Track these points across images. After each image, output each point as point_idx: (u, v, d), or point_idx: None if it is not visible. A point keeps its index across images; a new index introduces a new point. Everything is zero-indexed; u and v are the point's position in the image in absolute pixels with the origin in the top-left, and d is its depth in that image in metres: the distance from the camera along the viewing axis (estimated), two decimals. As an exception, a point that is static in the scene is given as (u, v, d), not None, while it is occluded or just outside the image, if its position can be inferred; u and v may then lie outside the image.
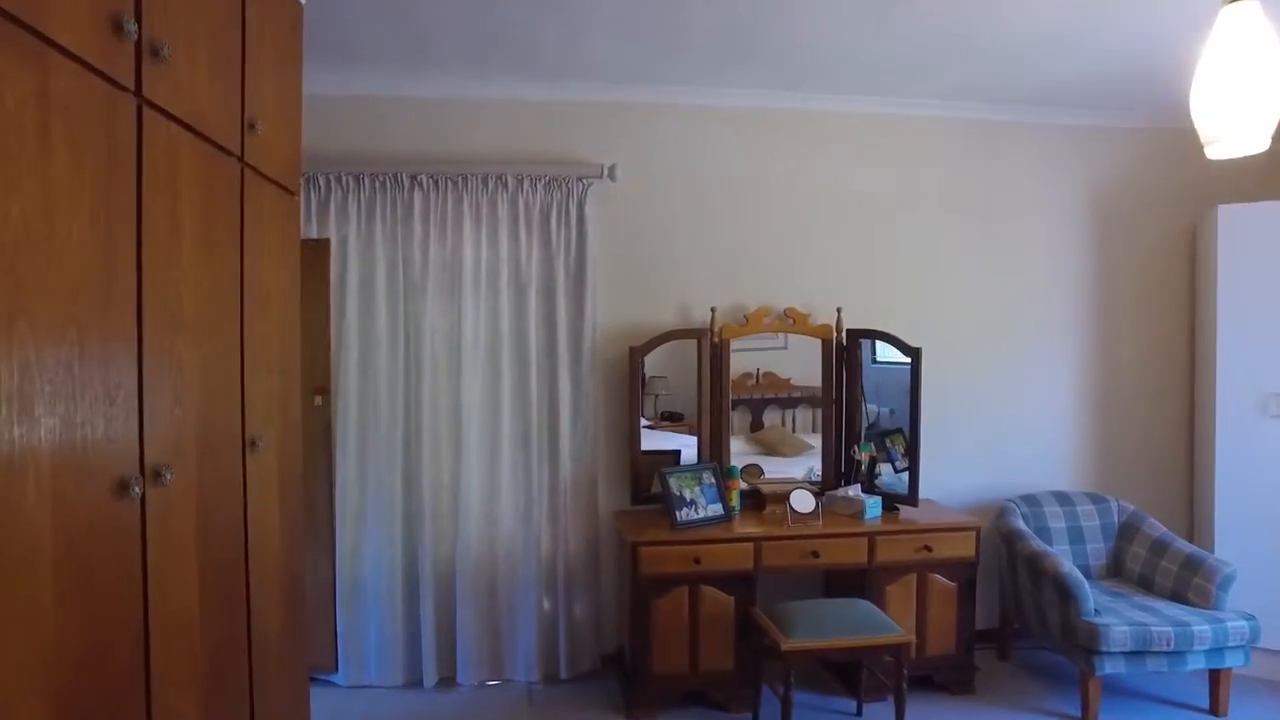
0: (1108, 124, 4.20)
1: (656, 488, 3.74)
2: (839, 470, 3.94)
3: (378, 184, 3.50)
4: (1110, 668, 3.21)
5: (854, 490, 3.67)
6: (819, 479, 3.91)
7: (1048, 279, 4.18)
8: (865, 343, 3.87)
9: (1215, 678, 3.37)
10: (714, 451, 3.82)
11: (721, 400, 3.82)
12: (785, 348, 3.96)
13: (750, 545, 3.36)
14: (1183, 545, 3.62)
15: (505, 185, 3.60)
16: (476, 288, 3.59)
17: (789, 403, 4.05)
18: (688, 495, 3.50)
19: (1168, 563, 3.61)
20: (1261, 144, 1.95)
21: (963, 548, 3.50)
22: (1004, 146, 4.13)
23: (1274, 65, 1.88)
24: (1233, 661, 3.29)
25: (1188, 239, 4.28)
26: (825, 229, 4.00)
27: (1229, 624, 3.25)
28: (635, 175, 3.80)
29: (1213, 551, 3.76)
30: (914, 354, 3.64)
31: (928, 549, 3.46)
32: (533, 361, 3.65)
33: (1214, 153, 2.03)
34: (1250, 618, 3.31)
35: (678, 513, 3.43)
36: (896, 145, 4.04)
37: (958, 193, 4.10)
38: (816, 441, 3.94)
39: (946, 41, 3.28)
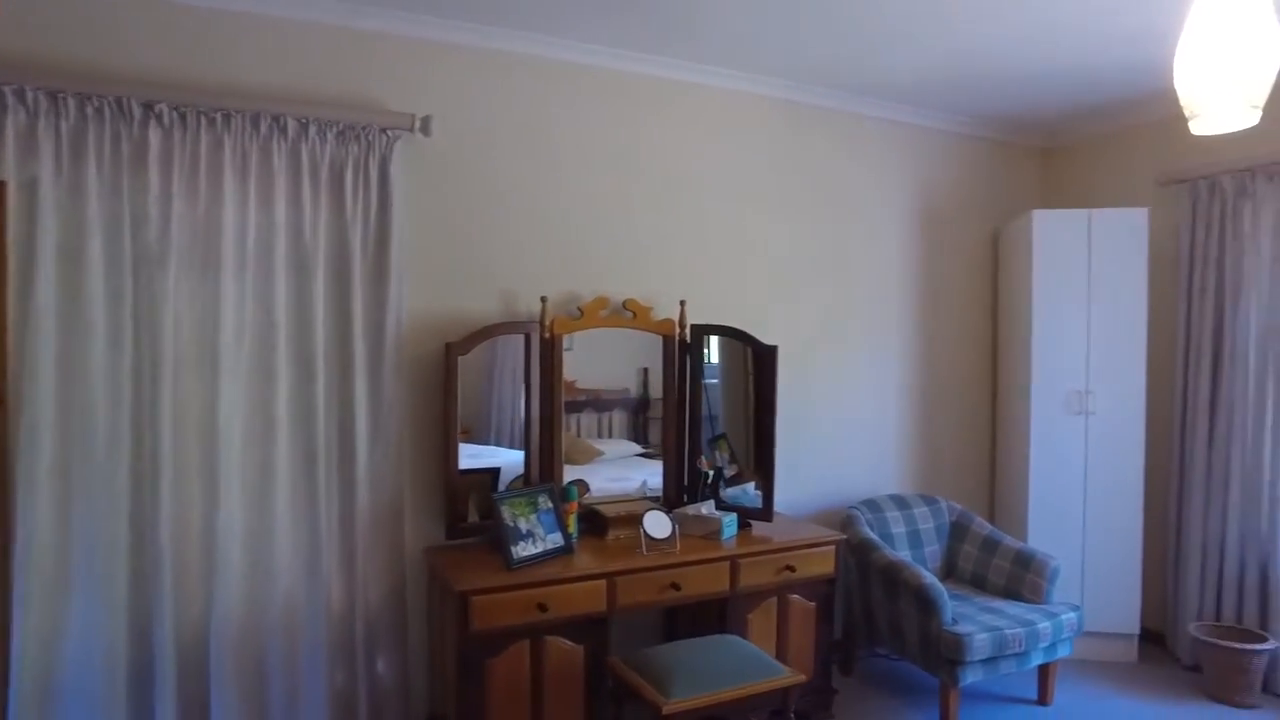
0: (937, 125, 4.21)
1: (475, 516, 3.08)
2: (682, 484, 3.51)
3: (91, 110, 2.45)
4: (971, 677, 3.10)
5: (708, 507, 3.25)
6: (655, 493, 3.46)
7: (879, 279, 4.09)
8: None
9: (1045, 670, 3.40)
10: (544, 468, 3.22)
11: (554, 406, 3.23)
12: (570, 349, 3.45)
13: (603, 582, 2.80)
14: (1012, 542, 3.64)
15: (284, 130, 2.72)
16: (241, 263, 2.68)
17: (602, 406, 3.55)
18: (523, 526, 2.87)
19: (1000, 560, 3.61)
20: (1249, 119, 1.77)
21: (823, 564, 3.22)
22: (849, 139, 3.98)
23: (1261, 35, 1.70)
24: (1063, 652, 3.34)
25: (993, 244, 4.43)
26: (669, 214, 3.56)
27: (1063, 617, 3.28)
28: (455, 132, 3.10)
29: (1026, 541, 3.85)
30: (768, 353, 3.30)
31: (790, 569, 3.13)
32: (319, 361, 2.80)
33: (1198, 128, 1.82)
34: (1076, 608, 3.38)
35: (513, 548, 2.78)
36: (745, 126, 3.72)
37: (800, 184, 3.86)
38: (615, 448, 3.48)
39: (812, 15, 2.99)
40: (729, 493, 3.44)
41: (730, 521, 3.19)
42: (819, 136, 3.90)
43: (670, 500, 3.46)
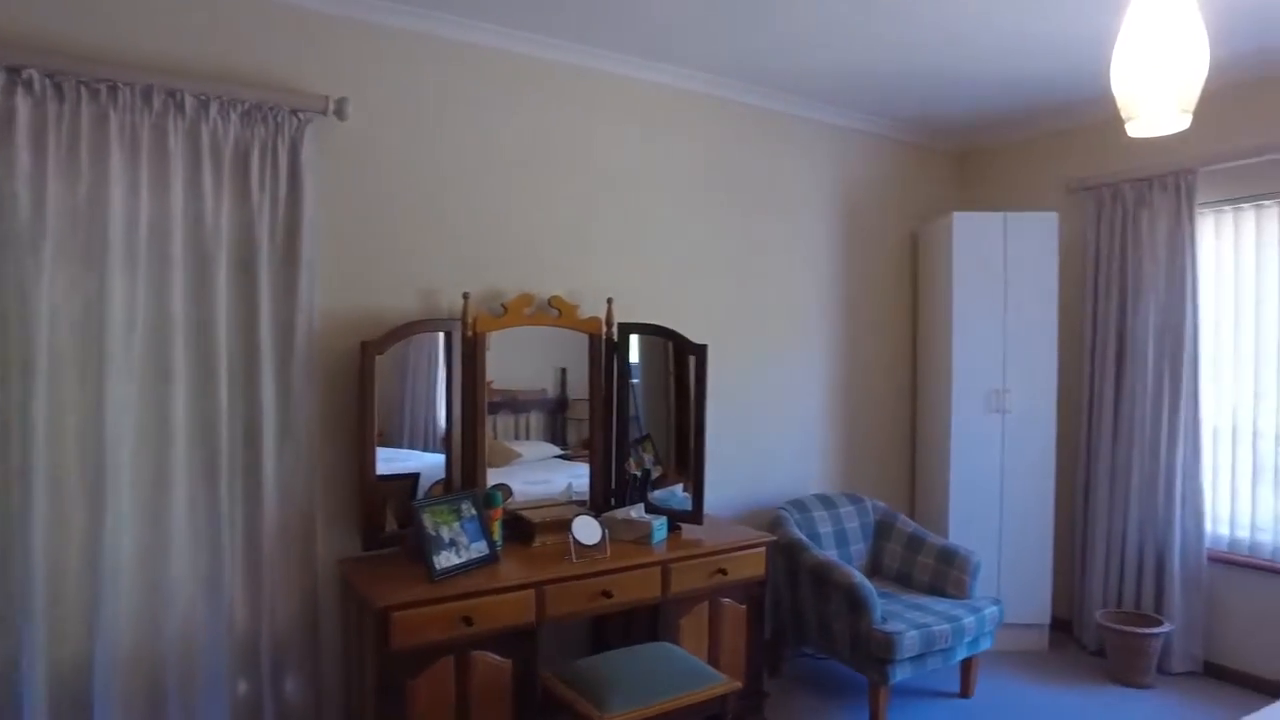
0: (858, 126, 4.25)
1: (393, 524, 2.90)
2: (609, 487, 3.42)
3: (-55, 74, 2.17)
4: (900, 674, 3.12)
5: (637, 510, 3.17)
6: (582, 497, 3.36)
7: (803, 278, 4.10)
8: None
9: (967, 663, 3.47)
10: (466, 473, 3.07)
11: (476, 408, 3.08)
12: (488, 348, 3.30)
13: (531, 592, 2.67)
14: (935, 539, 3.70)
15: (180, 108, 2.47)
16: (132, 253, 2.41)
17: (519, 407, 3.42)
18: (446, 534, 2.71)
19: (924, 557, 3.66)
20: (1181, 123, 1.81)
21: (754, 566, 3.18)
22: (774, 137, 3.97)
23: (1191, 44, 1.74)
24: (985, 645, 3.40)
25: (912, 245, 4.51)
26: (596, 209, 3.46)
27: (985, 611, 3.35)
28: (373, 117, 2.91)
29: (947, 536, 3.93)
30: (699, 352, 3.24)
31: (723, 572, 3.07)
32: (221, 361, 2.57)
33: (1134, 130, 1.85)
34: (997, 602, 3.45)
35: (436, 558, 2.62)
36: (673, 121, 3.65)
37: (726, 181, 3.83)
38: (534, 450, 3.37)
39: (736, 8, 2.96)
40: (656, 495, 3.36)
41: (661, 525, 3.12)
42: (745, 134, 3.87)
43: (597, 504, 3.36)
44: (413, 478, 3.04)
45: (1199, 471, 3.71)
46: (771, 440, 3.98)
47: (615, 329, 3.39)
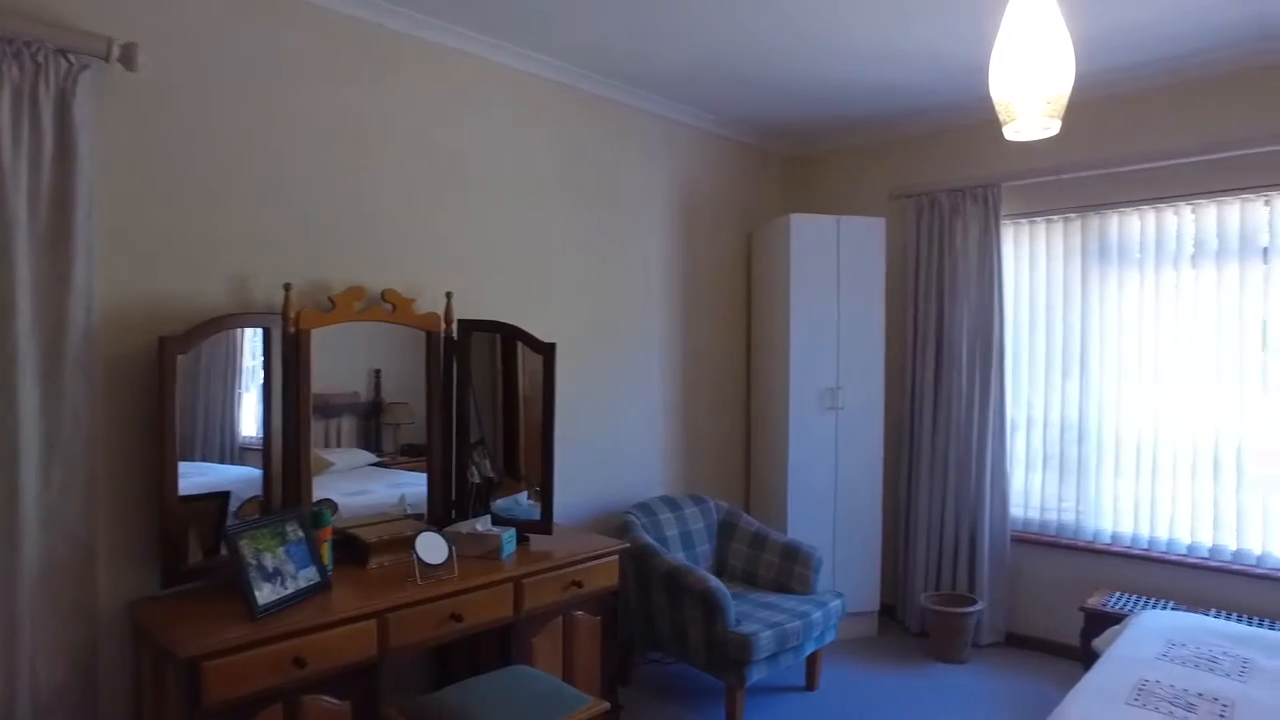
0: (700, 125, 4.23)
1: (198, 555, 2.46)
2: (449, 498, 3.14)
3: None
4: (757, 675, 3.11)
5: (484, 523, 2.92)
6: (418, 510, 3.06)
7: (644, 276, 4.01)
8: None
9: (813, 656, 3.53)
10: (289, 490, 2.67)
11: (300, 415, 2.69)
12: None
13: (373, 623, 2.36)
14: (778, 537, 3.74)
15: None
16: None
17: (329, 411, 3.07)
18: (269, 562, 2.33)
19: (769, 555, 3.69)
20: (1052, 128, 1.87)
21: (608, 576, 3.03)
22: (619, 130, 3.85)
23: (1061, 57, 1.81)
24: (829, 638, 3.47)
25: (746, 246, 4.57)
26: (435, 196, 3.16)
27: (830, 605, 3.42)
28: (176, 70, 2.44)
29: (786, 533, 4.00)
30: (546, 351, 3.05)
31: (577, 584, 2.90)
32: (-38, 363, 2.04)
33: (1011, 133, 1.89)
34: (840, 595, 3.54)
35: (258, 592, 2.24)
36: (520, 108, 3.43)
37: (571, 173, 3.65)
38: (346, 458, 3.05)
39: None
40: (499, 504, 3.13)
41: (510, 537, 2.89)
42: (592, 126, 3.72)
43: (437, 517, 3.07)
44: (221, 497, 2.60)
45: (1005, 460, 4.04)
46: (616, 443, 3.86)
47: (455, 326, 3.11)
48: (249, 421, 2.66)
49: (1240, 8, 2.92)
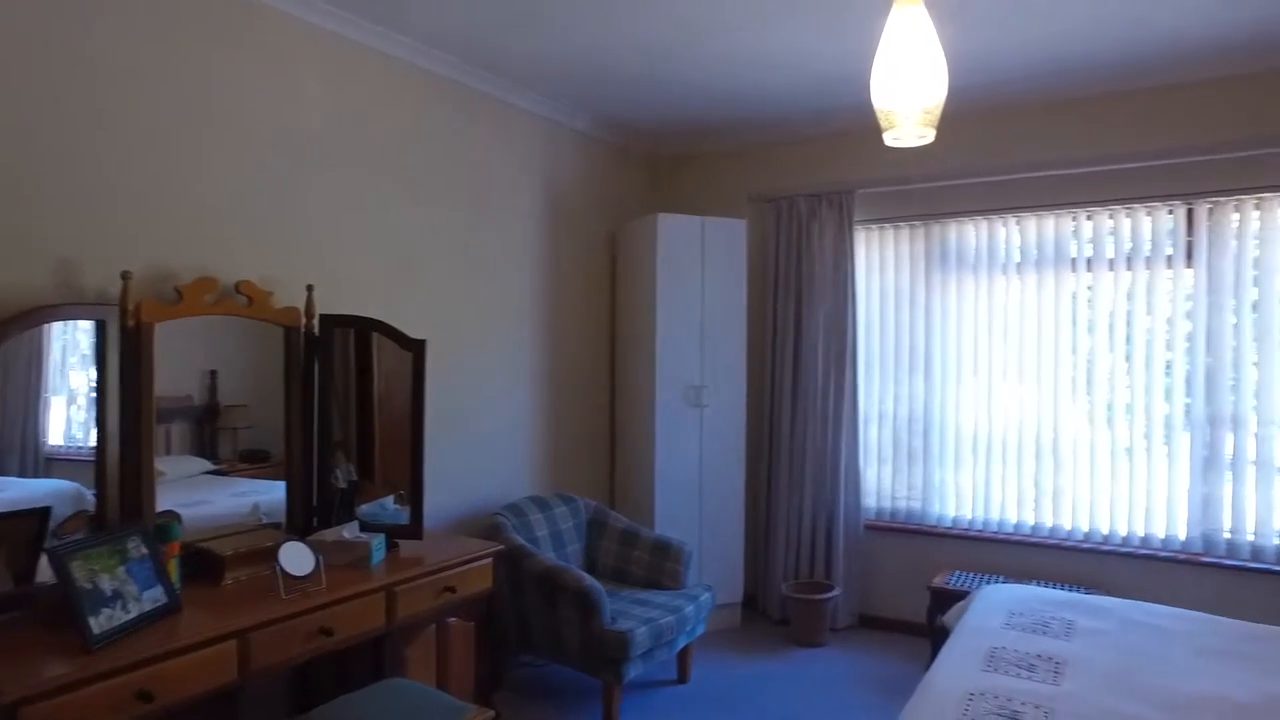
0: (569, 122, 4.19)
1: (9, 582, 2.16)
2: (310, 505, 2.93)
3: None
4: (634, 671, 3.12)
5: (351, 530, 2.75)
6: (274, 519, 2.84)
7: (512, 273, 3.93)
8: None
9: (684, 650, 3.59)
10: (128, 503, 2.40)
11: (142, 420, 2.43)
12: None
13: (232, 644, 2.15)
14: (648, 533, 3.78)
15: None
16: None
17: (159, 417, 2.82)
18: (107, 585, 2.08)
19: (639, 552, 3.72)
20: (928, 136, 1.99)
21: (482, 580, 2.94)
22: (489, 122, 3.76)
23: (936, 69, 1.93)
24: (700, 631, 3.55)
25: (611, 245, 4.58)
26: (293, 182, 2.94)
27: (701, 598, 3.49)
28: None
29: (654, 529, 4.04)
30: (416, 348, 2.91)
31: (451, 590, 2.79)
32: None
33: (890, 139, 2.00)
34: (709, 588, 3.62)
35: (93, 619, 1.99)
36: (390, 93, 3.27)
37: (440, 165, 3.52)
38: (179, 466, 2.81)
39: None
40: (365, 510, 2.97)
41: (379, 544, 2.74)
42: (462, 116, 3.60)
43: (298, 526, 2.86)
44: (40, 514, 2.29)
45: (858, 453, 4.28)
46: (483, 442, 3.76)
47: (317, 321, 2.92)
48: (56, 429, 2.37)
49: (1067, 44, 3.25)
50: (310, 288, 2.90)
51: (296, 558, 2.44)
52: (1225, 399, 3.58)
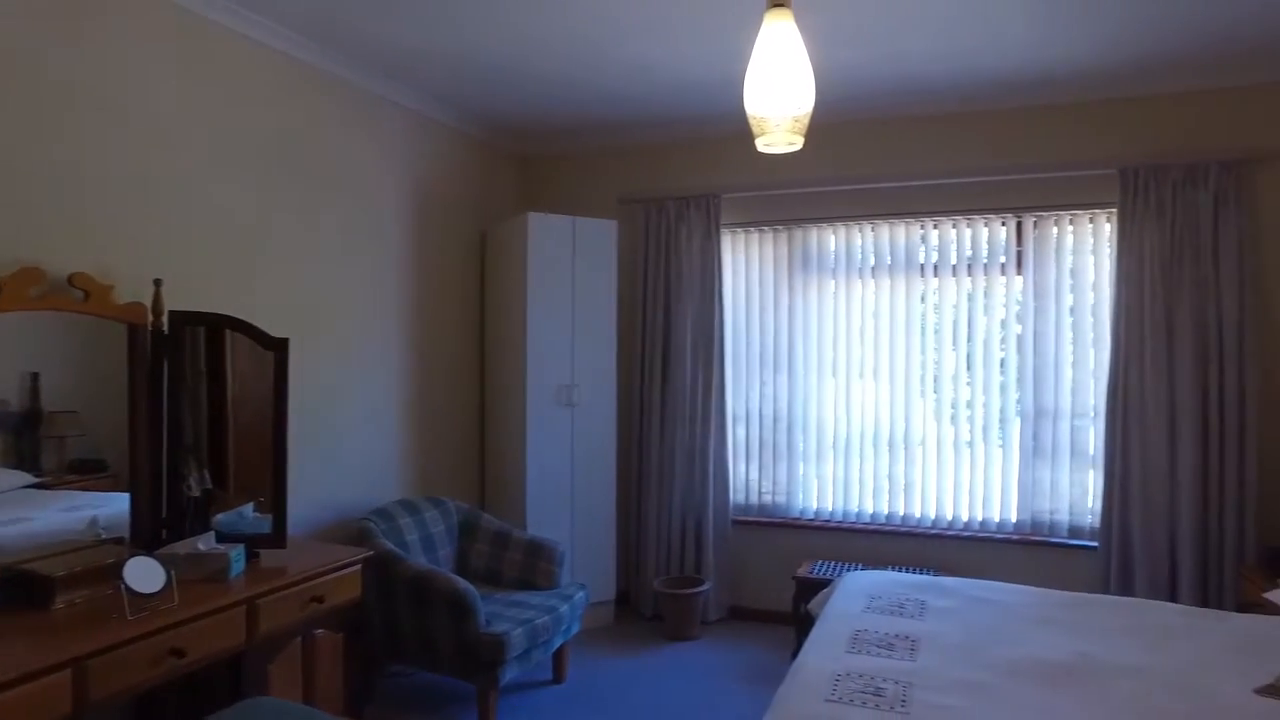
0: (437, 117, 4.10)
1: None
2: (159, 516, 2.72)
3: None
4: (510, 674, 3.09)
5: (206, 541, 2.57)
6: (117, 533, 2.61)
7: (380, 271, 3.80)
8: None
9: (559, 650, 3.58)
10: (-64, 519, 2.15)
11: (-47, 427, 2.17)
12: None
13: (67, 674, 1.96)
14: (521, 534, 3.75)
15: None
16: None
17: None
18: (-85, 611, 1.85)
19: (512, 553, 3.68)
20: (797, 144, 2.08)
21: (351, 588, 2.82)
22: (353, 113, 3.61)
23: (805, 81, 2.04)
24: (575, 629, 3.55)
25: (480, 243, 4.51)
26: (137, 166, 2.71)
27: (576, 597, 3.50)
28: None
29: (526, 529, 4.01)
30: (278, 347, 2.76)
31: (318, 600, 2.66)
32: None
33: (762, 146, 2.09)
34: (583, 587, 3.64)
35: (-101, 650, 1.77)
36: (247, 77, 3.08)
37: (303, 156, 3.35)
38: None
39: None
40: (221, 519, 2.78)
41: (238, 555, 2.58)
42: (322, 105, 3.44)
43: (145, 539, 2.64)
44: None
45: (725, 450, 4.41)
46: (349, 445, 3.60)
47: (166, 318, 2.71)
48: None
49: (917, 67, 3.49)
50: (158, 282, 2.68)
51: (144, 574, 2.26)
52: (1048, 394, 3.96)
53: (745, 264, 4.54)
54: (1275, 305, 3.59)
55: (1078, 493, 3.93)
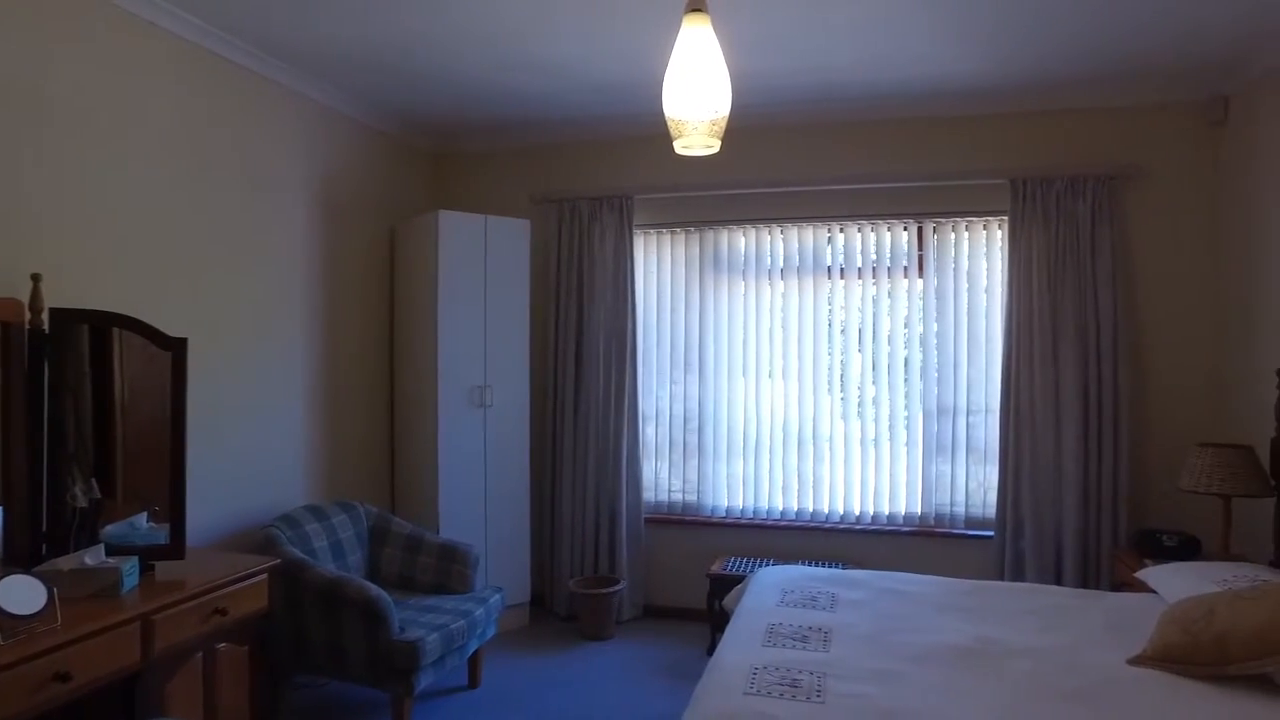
0: (347, 111, 3.97)
1: None
2: (40, 530, 2.53)
3: None
4: (425, 681, 3.02)
5: (94, 555, 2.41)
6: (-13, 549, 2.43)
7: (285, 268, 3.65)
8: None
9: (474, 655, 3.52)
10: None
11: None
12: None
13: (-69, 704, 1.82)
14: (434, 538, 3.67)
15: None
16: None
17: None
18: None
19: (425, 557, 3.60)
20: (714, 146, 2.12)
21: (256, 598, 2.69)
22: (253, 100, 3.45)
23: (721, 85, 2.07)
24: (490, 633, 3.50)
25: (390, 241, 4.39)
26: (11, 152, 2.51)
27: (491, 600, 3.46)
28: None
29: (439, 533, 3.93)
30: (176, 347, 2.61)
31: (222, 612, 2.53)
32: None
33: (680, 148, 2.12)
34: (499, 590, 3.59)
35: None
36: (127, 54, 2.87)
37: (202, 144, 3.18)
38: None
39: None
40: (111, 531, 2.62)
41: (131, 569, 2.43)
42: (222, 93, 3.27)
43: (22, 556, 2.45)
44: None
45: (638, 450, 4.44)
46: (252, 449, 3.44)
47: (48, 316, 2.52)
48: None
49: (827, 76, 3.60)
50: (36, 277, 2.50)
51: (20, 593, 2.09)
52: (947, 392, 4.16)
53: (657, 265, 4.58)
54: (1142, 308, 3.88)
55: (975, 486, 4.14)
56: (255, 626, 2.71)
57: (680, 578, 4.43)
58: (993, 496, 4.05)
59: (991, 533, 4.02)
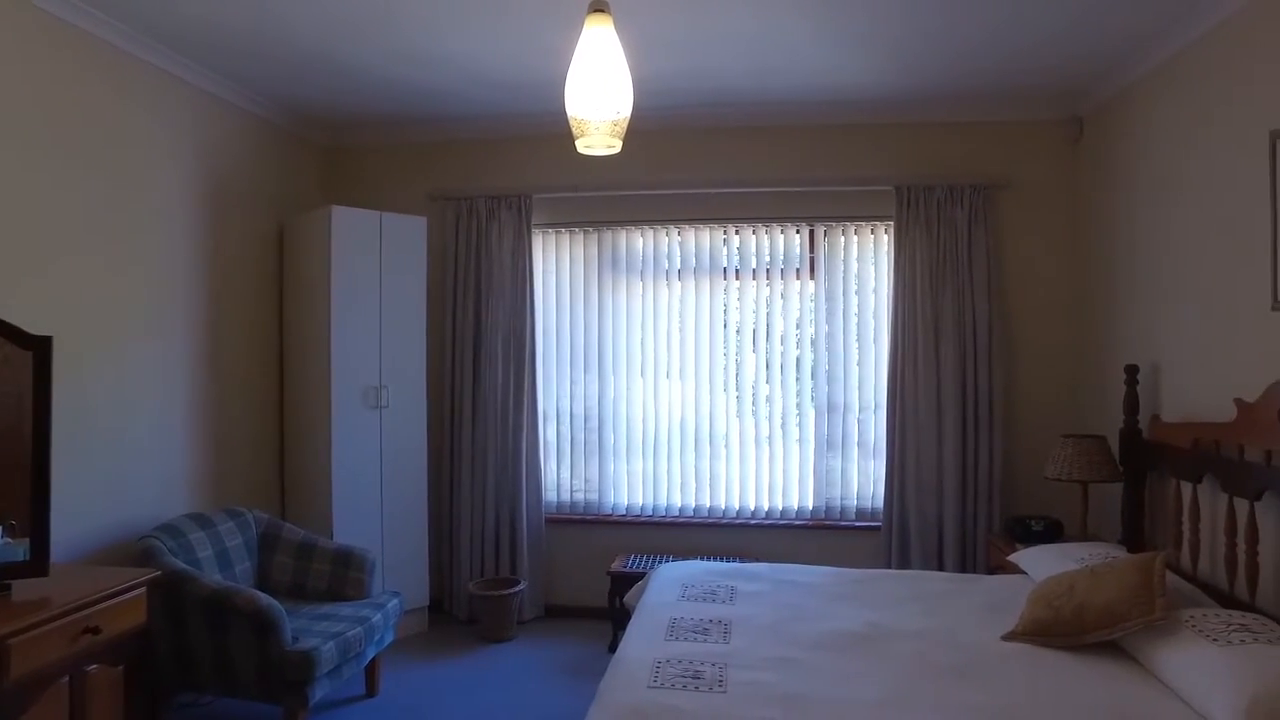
0: (233, 99, 3.78)
1: None
2: (-122, 547, 2.30)
3: None
4: (320, 692, 2.92)
5: (-55, 573, 2.21)
6: None
7: (165, 263, 3.45)
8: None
9: (372, 662, 3.43)
10: None
11: None
12: None
13: None
14: (327, 544, 3.55)
15: None
16: None
17: None
18: None
19: (318, 564, 3.48)
20: (615, 146, 2.15)
21: (133, 615, 2.54)
22: (129, 85, 3.25)
23: (623, 87, 2.10)
24: (389, 639, 3.41)
25: (279, 237, 4.21)
26: None
27: (389, 606, 3.38)
28: None
29: (332, 538, 3.79)
30: (38, 346, 2.43)
31: (94, 631, 2.37)
32: None
33: (582, 147, 2.14)
34: (397, 594, 3.51)
35: None
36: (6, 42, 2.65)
37: (69, 128, 2.95)
38: None
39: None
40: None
41: (-13, 587, 2.24)
42: (95, 76, 3.06)
43: None
44: None
45: (538, 450, 4.42)
46: (128, 456, 3.23)
47: (-112, 313, 2.30)
48: None
49: (721, 81, 3.69)
50: (-125, 270, 2.27)
51: None
52: (838, 390, 4.34)
53: (556, 264, 4.57)
54: (1013, 311, 4.17)
55: (864, 480, 4.34)
56: (133, 644, 2.56)
57: (581, 576, 4.44)
58: (881, 489, 4.25)
59: (879, 524, 4.22)
